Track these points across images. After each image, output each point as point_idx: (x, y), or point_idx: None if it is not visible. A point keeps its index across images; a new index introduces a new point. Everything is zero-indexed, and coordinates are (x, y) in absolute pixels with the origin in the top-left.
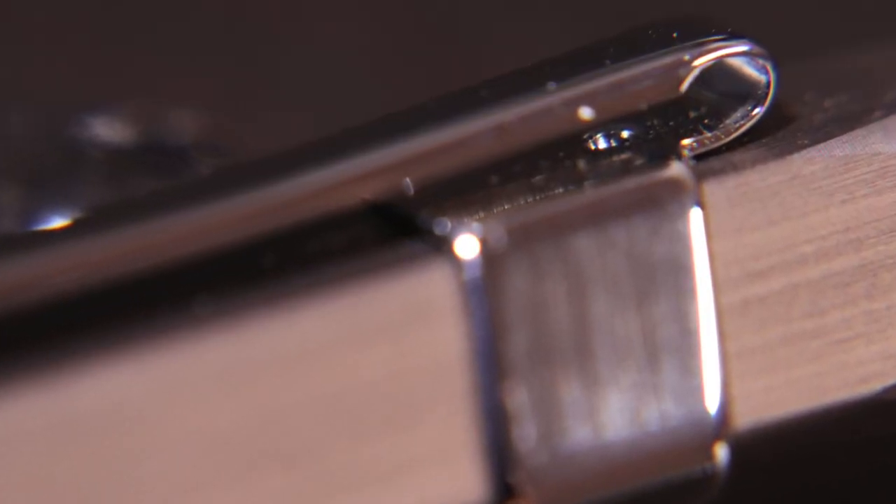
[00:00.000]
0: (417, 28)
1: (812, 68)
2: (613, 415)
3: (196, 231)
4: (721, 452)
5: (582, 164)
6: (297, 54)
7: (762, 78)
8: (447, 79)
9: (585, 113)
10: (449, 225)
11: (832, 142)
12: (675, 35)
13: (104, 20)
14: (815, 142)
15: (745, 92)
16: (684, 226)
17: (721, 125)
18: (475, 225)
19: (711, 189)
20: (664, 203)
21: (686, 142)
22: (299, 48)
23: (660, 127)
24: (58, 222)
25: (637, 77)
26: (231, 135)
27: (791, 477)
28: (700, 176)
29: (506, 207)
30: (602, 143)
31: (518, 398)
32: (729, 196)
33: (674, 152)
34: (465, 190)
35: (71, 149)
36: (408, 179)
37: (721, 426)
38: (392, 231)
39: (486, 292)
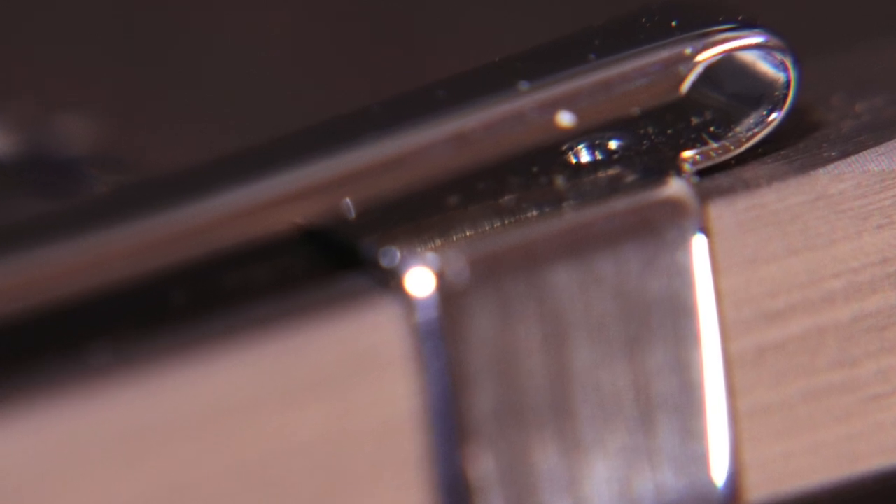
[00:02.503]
0: (360, 16)
1: (841, 65)
2: (599, 486)
3: (90, 262)
4: None
5: (560, 181)
6: (213, 47)
7: (780, 76)
8: (396, 76)
9: (565, 119)
10: (398, 255)
11: (865, 154)
12: (674, 23)
13: None
14: (844, 154)
15: (759, 93)
16: (685, 257)
17: (730, 134)
18: (430, 255)
19: (718, 211)
20: (661, 229)
21: (687, 154)
22: (215, 39)
23: (655, 136)
24: None
25: (628, 75)
26: (132, 145)
27: None
28: (705, 195)
29: (468, 234)
30: (585, 156)
31: (483, 466)
32: (740, 220)
33: (672, 167)
34: (419, 213)
35: None
36: (348, 199)
37: (730, 500)
38: (329, 263)
39: (443, 338)
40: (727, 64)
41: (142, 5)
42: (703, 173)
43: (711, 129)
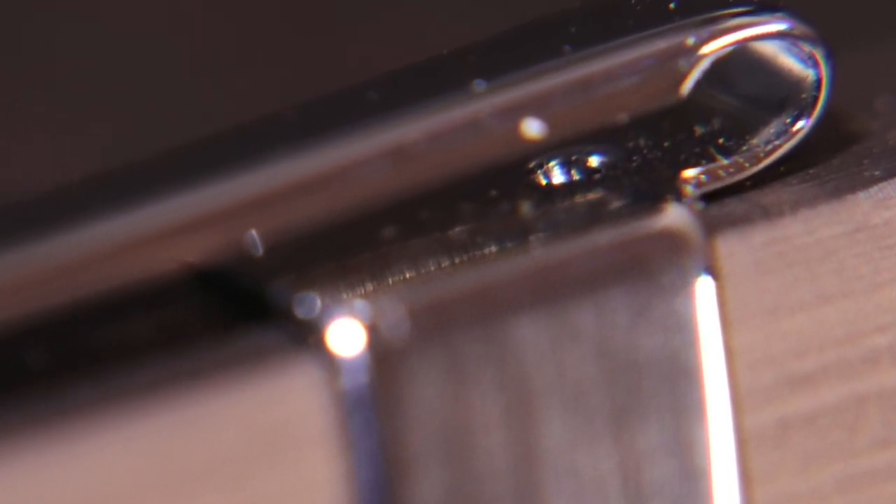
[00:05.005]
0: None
1: (885, 59)
2: None
3: None
4: None
5: (527, 207)
6: (86, 37)
7: (808, 73)
8: (317, 74)
9: (532, 128)
10: (318, 303)
11: None
12: (672, 6)
13: None
14: (891, 174)
15: (781, 95)
16: (687, 305)
17: (744, 147)
18: (359, 303)
19: (730, 247)
20: (655, 269)
21: (690, 173)
22: (88, 27)
23: (649, 150)
24: None
25: (613, 72)
26: None
27: None
28: (712, 227)
29: (408, 276)
30: (558, 176)
31: None
32: (757, 258)
33: (670, 189)
34: (344, 248)
35: None
36: (254, 232)
37: None
38: (230, 313)
39: (377, 409)
40: (740, 58)
41: None
42: (709, 198)
43: (720, 141)
